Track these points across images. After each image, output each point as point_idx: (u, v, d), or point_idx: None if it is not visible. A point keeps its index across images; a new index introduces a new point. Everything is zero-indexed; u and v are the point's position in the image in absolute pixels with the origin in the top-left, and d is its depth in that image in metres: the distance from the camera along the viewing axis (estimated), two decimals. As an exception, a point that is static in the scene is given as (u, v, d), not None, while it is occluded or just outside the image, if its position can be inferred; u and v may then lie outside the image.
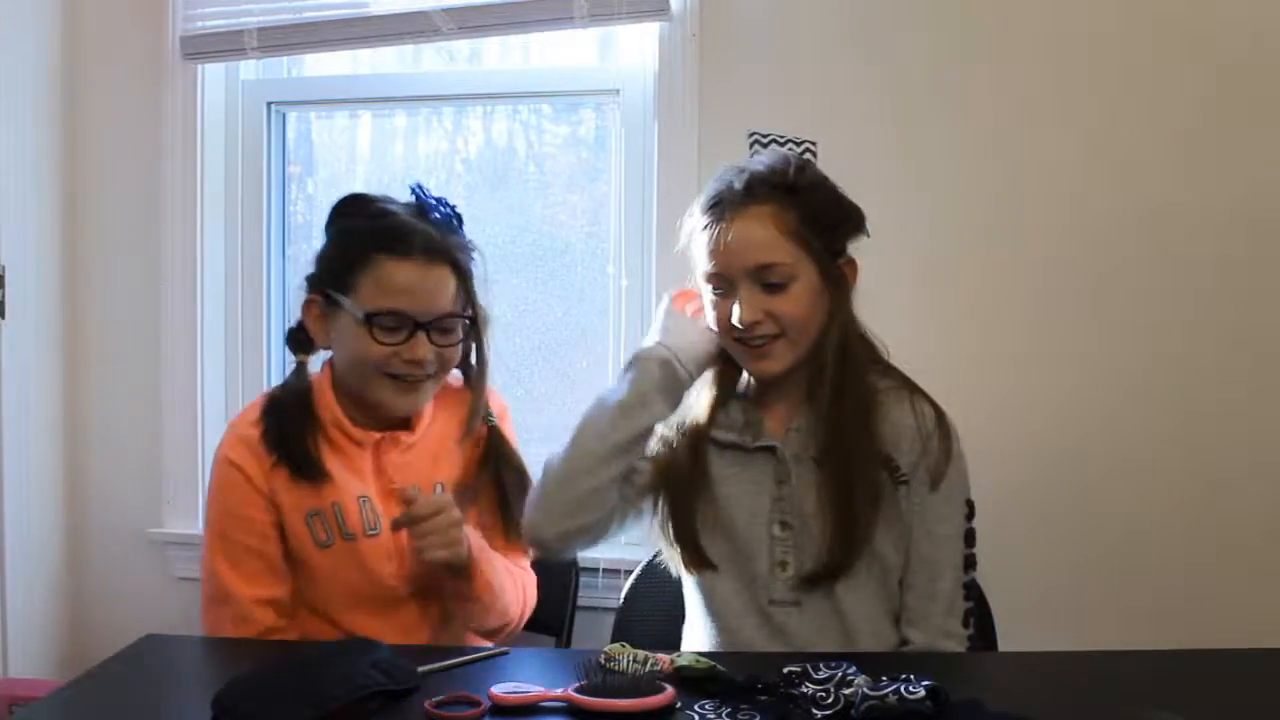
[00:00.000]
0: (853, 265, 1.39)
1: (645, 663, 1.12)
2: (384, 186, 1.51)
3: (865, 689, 1.02)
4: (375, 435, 1.47)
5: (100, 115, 2.25)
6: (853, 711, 1.01)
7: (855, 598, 1.35)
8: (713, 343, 1.40)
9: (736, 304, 1.34)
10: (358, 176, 2.31)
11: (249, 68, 2.27)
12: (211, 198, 2.23)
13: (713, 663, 1.11)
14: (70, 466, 2.27)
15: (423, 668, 1.14)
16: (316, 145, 2.36)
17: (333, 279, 1.44)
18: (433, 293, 1.42)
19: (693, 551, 1.39)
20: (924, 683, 1.02)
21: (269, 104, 2.28)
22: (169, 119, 2.20)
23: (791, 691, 1.05)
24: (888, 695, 1.01)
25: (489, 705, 1.05)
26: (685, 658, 1.13)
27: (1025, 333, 1.88)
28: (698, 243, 1.38)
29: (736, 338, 1.36)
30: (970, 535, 1.38)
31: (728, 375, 1.43)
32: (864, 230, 1.39)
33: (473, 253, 1.50)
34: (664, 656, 1.14)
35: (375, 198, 1.49)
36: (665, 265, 1.99)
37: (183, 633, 1.48)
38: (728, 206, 1.35)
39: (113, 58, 2.23)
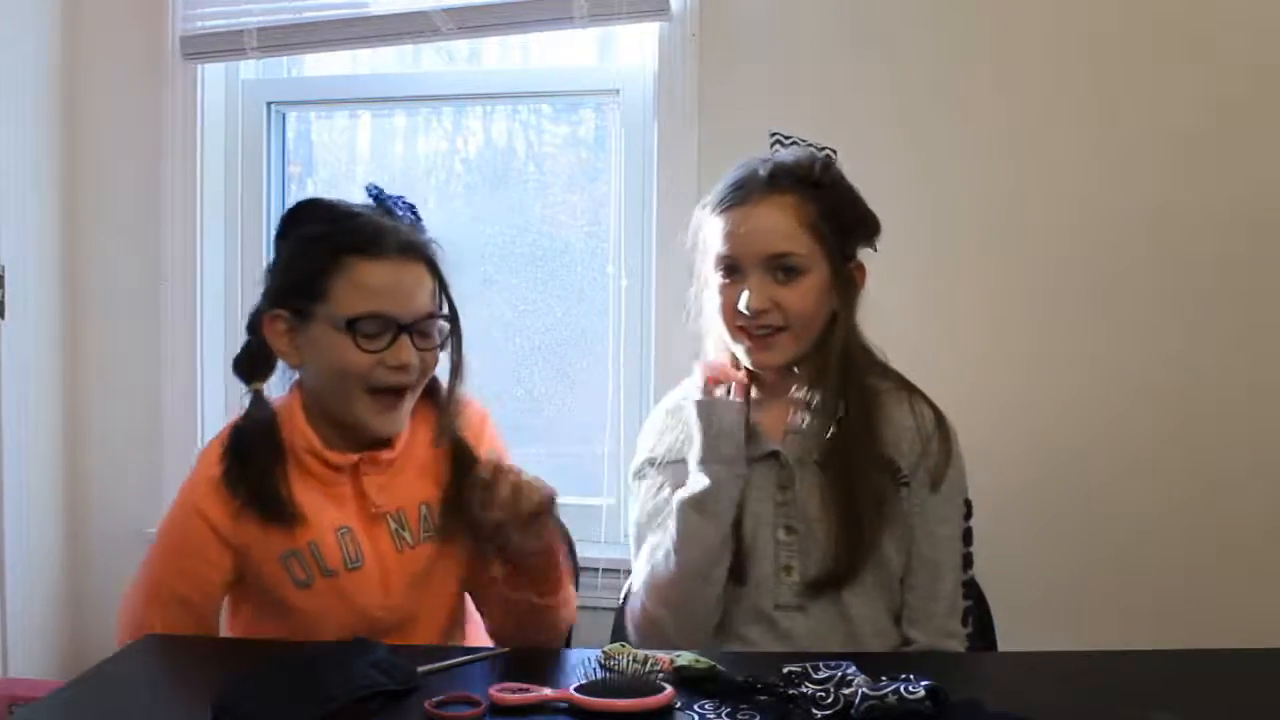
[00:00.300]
0: (861, 269, 1.39)
1: (645, 663, 1.12)
2: (384, 186, 1.47)
3: (865, 689, 1.02)
4: (353, 457, 1.36)
5: (100, 115, 2.25)
6: (852, 711, 1.01)
7: (860, 600, 1.35)
8: (743, 411, 1.37)
9: (745, 290, 1.33)
10: (357, 176, 2.31)
11: (249, 68, 2.27)
12: (211, 198, 2.23)
13: (712, 663, 1.11)
14: (70, 467, 2.27)
15: (423, 668, 1.13)
16: (316, 145, 2.36)
17: (300, 290, 1.32)
18: (411, 292, 1.32)
19: None
20: (924, 683, 1.01)
21: (269, 104, 2.28)
22: (169, 119, 2.20)
23: (791, 691, 1.05)
24: (887, 695, 1.01)
25: (489, 705, 1.05)
26: (685, 658, 1.12)
27: (1025, 333, 1.88)
28: (711, 226, 1.37)
29: (740, 325, 1.35)
30: (968, 534, 1.39)
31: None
32: (876, 239, 1.39)
33: (439, 249, 1.40)
34: (664, 656, 1.14)
35: (332, 201, 1.40)
36: (665, 265, 1.99)
37: (182, 633, 1.48)
38: (750, 191, 1.34)
39: (113, 58, 2.23)
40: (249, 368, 1.40)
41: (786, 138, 1.42)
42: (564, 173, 2.23)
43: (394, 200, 1.40)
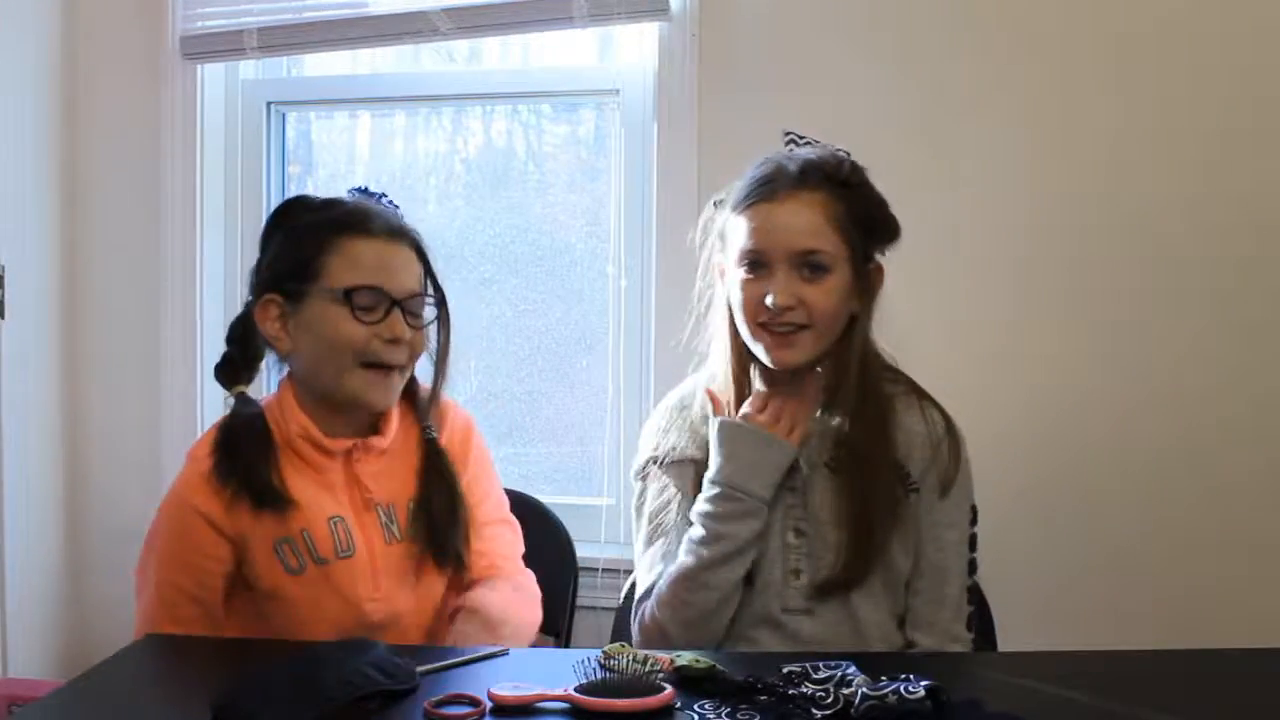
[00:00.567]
0: (880, 271, 1.39)
1: (645, 662, 1.12)
2: (383, 187, 1.50)
3: (865, 689, 1.02)
4: (346, 443, 1.40)
5: (100, 115, 2.25)
6: (852, 711, 1.01)
7: (868, 604, 1.34)
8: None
9: (771, 286, 1.31)
10: (357, 176, 2.31)
11: (249, 67, 2.27)
12: (211, 198, 2.23)
13: (712, 663, 1.11)
14: (70, 467, 2.27)
15: (422, 668, 1.13)
16: (316, 145, 2.36)
17: (293, 274, 1.37)
18: (402, 269, 1.38)
19: None
20: (923, 683, 1.01)
21: (269, 104, 2.28)
22: (169, 119, 2.20)
23: (791, 691, 1.05)
24: (887, 695, 1.01)
25: (489, 705, 1.05)
26: (684, 657, 1.12)
27: (1025, 333, 1.88)
28: (735, 221, 1.36)
29: (762, 322, 1.33)
30: (974, 540, 1.39)
31: (741, 384, 1.41)
32: (895, 243, 1.38)
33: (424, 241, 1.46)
34: (664, 656, 1.14)
35: (316, 196, 1.45)
36: (665, 265, 1.99)
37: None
38: (780, 186, 1.33)
39: (113, 57, 2.23)
40: (231, 373, 1.43)
41: (801, 138, 1.41)
42: (564, 173, 2.23)
43: (377, 196, 1.47)
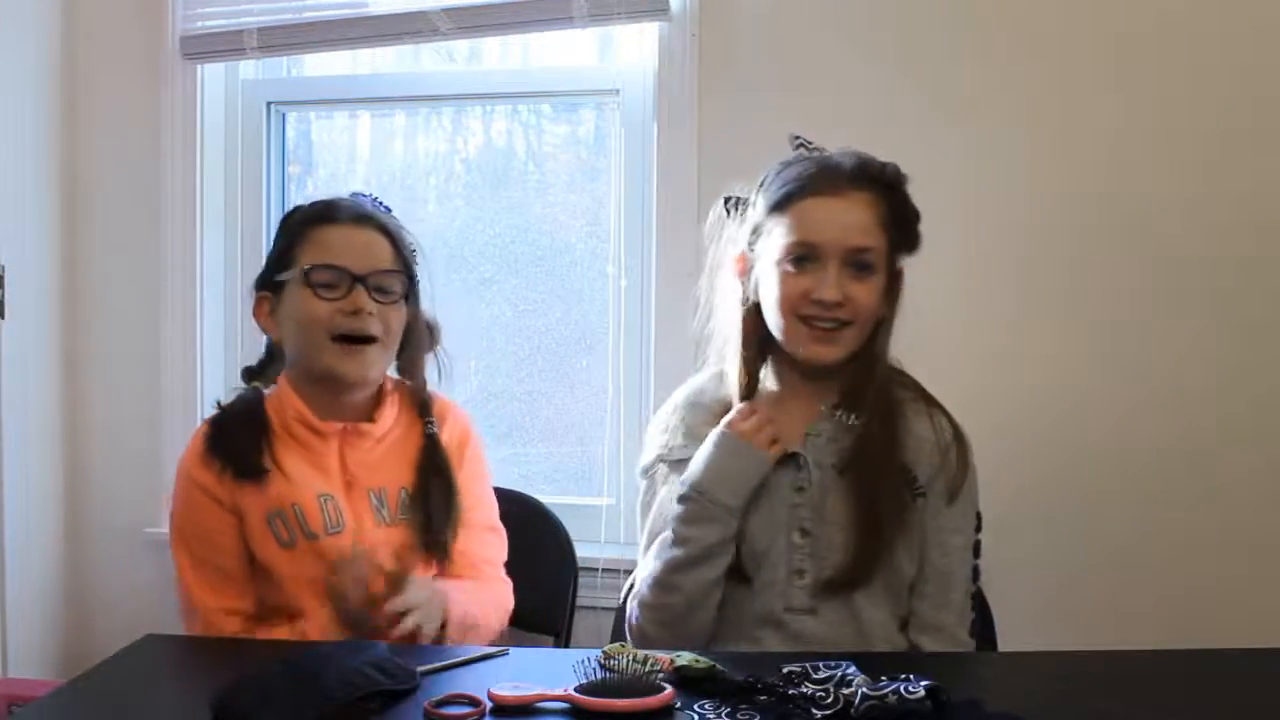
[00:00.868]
0: (901, 276, 1.39)
1: (645, 662, 1.12)
2: (383, 186, 1.53)
3: (865, 689, 1.02)
4: (337, 425, 1.48)
5: (100, 115, 2.25)
6: (852, 711, 1.01)
7: (871, 605, 1.34)
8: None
9: (822, 280, 1.31)
10: (357, 176, 2.30)
11: (249, 67, 2.27)
12: (211, 198, 2.23)
13: (712, 663, 1.11)
14: (70, 466, 2.27)
15: (422, 667, 1.14)
16: (316, 145, 2.36)
17: (274, 268, 1.50)
18: (366, 248, 1.47)
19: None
20: (924, 683, 1.01)
21: (269, 104, 2.28)
22: (169, 119, 2.20)
23: (791, 691, 1.05)
24: (887, 695, 1.01)
25: (489, 705, 1.05)
26: (684, 657, 1.13)
27: (1023, 333, 1.88)
28: (778, 215, 1.35)
29: (804, 315, 1.33)
30: (978, 547, 1.40)
31: (751, 382, 1.41)
32: (917, 251, 1.39)
33: (406, 235, 1.55)
34: (663, 656, 1.14)
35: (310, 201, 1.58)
36: (665, 265, 1.99)
37: (182, 633, 1.48)
38: (837, 181, 1.34)
39: (113, 57, 2.23)
40: (251, 373, 1.57)
41: (809, 143, 1.41)
42: (564, 173, 2.23)
43: (367, 197, 1.57)
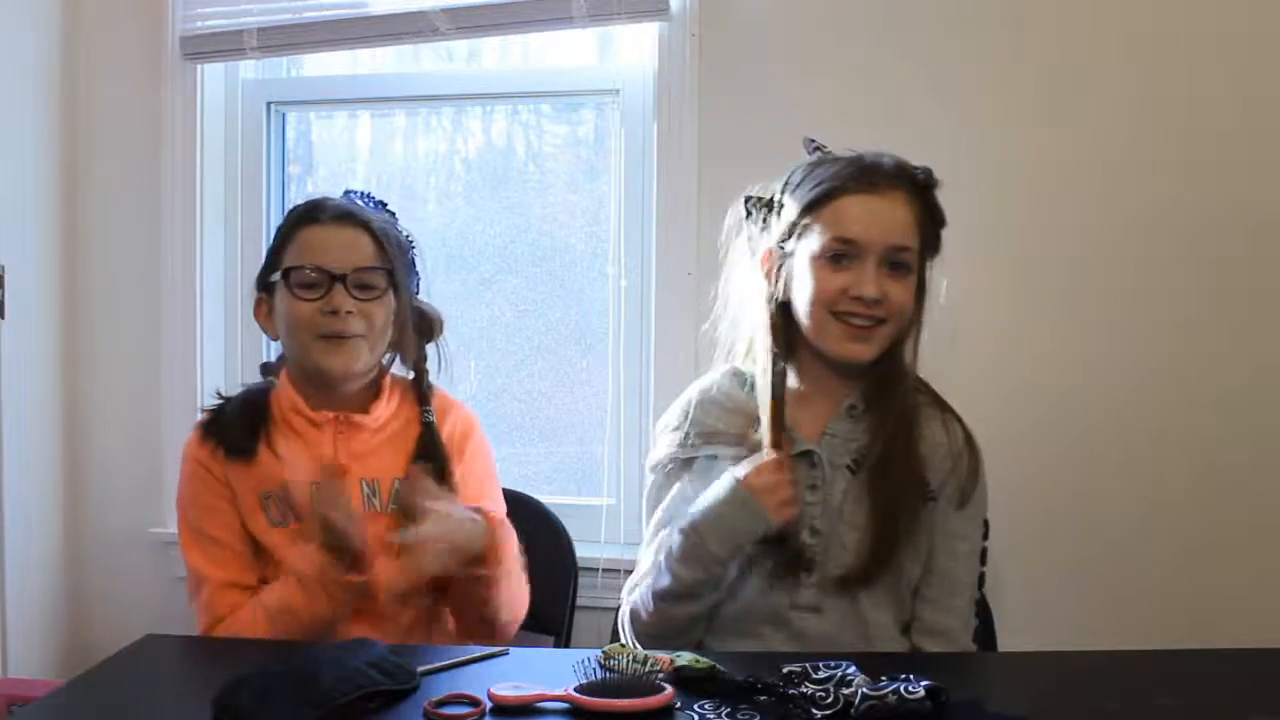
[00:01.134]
0: (929, 279, 1.39)
1: (645, 662, 1.12)
2: (383, 186, 1.53)
3: (865, 689, 1.02)
4: (329, 415, 1.52)
5: (100, 115, 2.25)
6: (852, 711, 1.01)
7: (876, 606, 1.35)
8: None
9: (861, 277, 1.31)
10: (357, 176, 2.30)
11: (249, 67, 2.27)
12: (211, 198, 2.23)
13: (712, 663, 1.11)
14: (70, 466, 2.27)
15: (422, 667, 1.14)
16: (316, 145, 2.36)
17: (267, 270, 1.54)
18: (346, 248, 1.49)
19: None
20: (924, 683, 1.02)
21: (269, 104, 2.28)
22: (169, 119, 2.19)
23: (791, 691, 1.05)
24: (887, 695, 1.01)
25: (489, 705, 1.05)
26: (684, 657, 1.13)
27: (1023, 333, 1.88)
28: (818, 212, 1.34)
29: (840, 311, 1.33)
30: (984, 554, 1.40)
31: (779, 379, 1.38)
32: (936, 257, 1.39)
33: (397, 226, 1.57)
34: (663, 656, 1.14)
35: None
36: (665, 265, 1.99)
37: (182, 633, 1.48)
38: (879, 180, 1.34)
39: (113, 57, 2.23)
40: (266, 369, 1.63)
41: (824, 147, 1.41)
42: (564, 173, 2.23)
43: (359, 194, 1.59)
